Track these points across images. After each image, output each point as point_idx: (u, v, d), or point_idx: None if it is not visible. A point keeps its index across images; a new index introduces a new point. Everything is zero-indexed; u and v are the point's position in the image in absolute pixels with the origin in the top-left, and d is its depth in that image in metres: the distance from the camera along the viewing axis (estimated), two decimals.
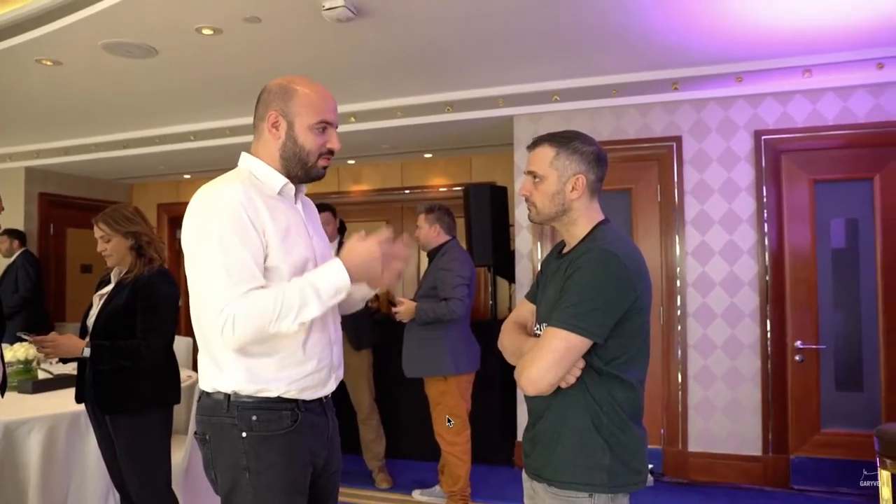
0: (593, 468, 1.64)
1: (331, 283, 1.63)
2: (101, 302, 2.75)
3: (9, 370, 3.17)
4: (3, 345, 2.79)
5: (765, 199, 4.25)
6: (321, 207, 4.32)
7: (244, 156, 1.81)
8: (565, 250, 1.80)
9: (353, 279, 1.66)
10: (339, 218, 4.51)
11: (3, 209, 2.48)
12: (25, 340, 3.48)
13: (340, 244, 4.43)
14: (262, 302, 1.57)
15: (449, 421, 3.73)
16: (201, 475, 2.36)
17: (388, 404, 4.62)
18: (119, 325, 2.66)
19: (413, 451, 4.86)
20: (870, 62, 4.02)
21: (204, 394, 1.75)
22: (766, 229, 4.25)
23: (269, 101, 1.77)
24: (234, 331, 1.56)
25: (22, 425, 2.79)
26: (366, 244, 1.69)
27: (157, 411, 2.71)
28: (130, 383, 2.63)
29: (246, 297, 1.57)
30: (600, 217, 1.78)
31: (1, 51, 3.85)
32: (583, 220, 1.75)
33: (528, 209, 1.82)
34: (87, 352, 2.58)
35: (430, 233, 3.88)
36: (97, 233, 2.75)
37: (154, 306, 2.68)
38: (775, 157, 4.25)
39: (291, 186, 1.79)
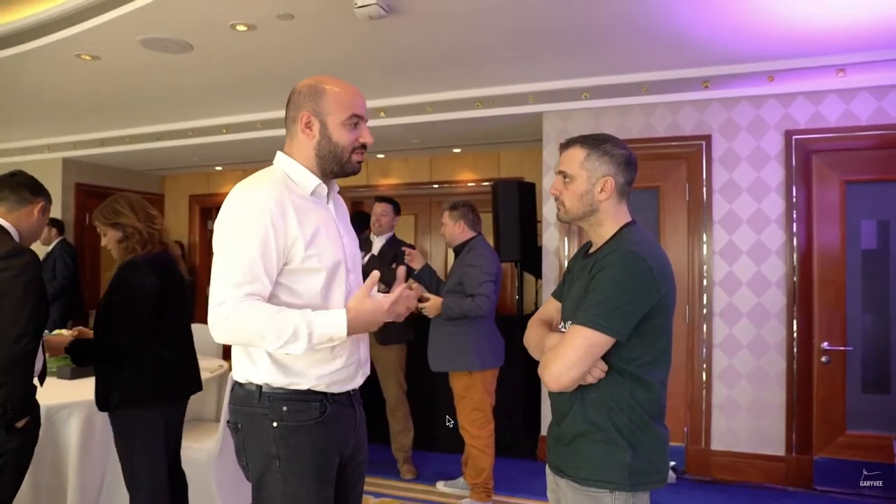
0: (614, 466, 1.68)
1: (327, 332, 1.64)
2: None
3: (48, 357, 3.27)
4: None
5: (794, 200, 4.21)
6: (380, 200, 4.41)
7: (279, 155, 1.85)
8: (592, 250, 1.84)
9: (351, 332, 1.67)
10: (397, 215, 4.55)
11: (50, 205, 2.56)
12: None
13: (390, 238, 4.50)
14: (259, 318, 1.61)
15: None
16: (232, 462, 2.44)
17: (417, 397, 4.66)
18: (105, 321, 2.57)
19: (442, 444, 4.91)
20: None
21: (237, 384, 1.81)
22: (794, 229, 4.21)
23: (299, 103, 1.80)
24: (224, 329, 1.63)
25: (62, 410, 2.91)
26: (375, 303, 1.70)
27: (159, 407, 2.58)
28: (124, 378, 2.52)
29: (247, 303, 1.62)
30: (628, 219, 1.81)
31: (42, 46, 3.97)
32: (610, 221, 1.79)
33: (557, 208, 1.86)
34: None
35: (455, 229, 3.93)
36: (97, 228, 2.73)
37: (121, 300, 2.54)
38: (806, 157, 4.21)
39: (324, 187, 1.84)
